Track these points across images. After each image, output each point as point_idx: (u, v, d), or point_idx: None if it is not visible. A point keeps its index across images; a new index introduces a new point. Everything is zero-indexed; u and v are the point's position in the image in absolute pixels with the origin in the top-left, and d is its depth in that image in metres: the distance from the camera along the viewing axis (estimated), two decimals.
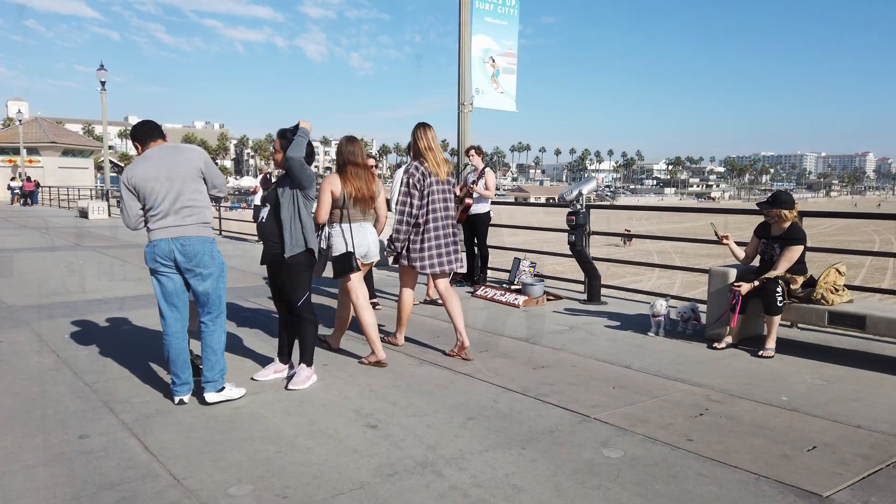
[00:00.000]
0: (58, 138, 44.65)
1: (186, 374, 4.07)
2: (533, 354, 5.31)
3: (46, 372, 4.74)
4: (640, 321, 6.56)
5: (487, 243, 8.53)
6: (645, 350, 5.49)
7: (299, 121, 4.37)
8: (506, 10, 10.32)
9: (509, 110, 10.63)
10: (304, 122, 4.36)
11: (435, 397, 4.23)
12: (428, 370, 4.85)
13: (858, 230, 55.13)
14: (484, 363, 5.03)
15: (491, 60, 10.34)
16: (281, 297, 4.53)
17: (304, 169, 4.22)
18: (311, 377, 4.46)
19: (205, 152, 4.16)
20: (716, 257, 33.98)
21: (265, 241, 4.37)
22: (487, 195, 8.33)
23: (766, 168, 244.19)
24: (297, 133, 4.27)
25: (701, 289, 24.62)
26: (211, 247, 4.04)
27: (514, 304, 7.40)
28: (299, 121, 4.37)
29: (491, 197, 8.35)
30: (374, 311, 5.48)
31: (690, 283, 26.33)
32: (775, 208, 5.43)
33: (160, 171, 3.93)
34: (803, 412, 4.00)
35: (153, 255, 3.99)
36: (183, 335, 4.09)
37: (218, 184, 4.11)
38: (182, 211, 3.95)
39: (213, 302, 4.09)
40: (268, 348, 5.41)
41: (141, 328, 6.17)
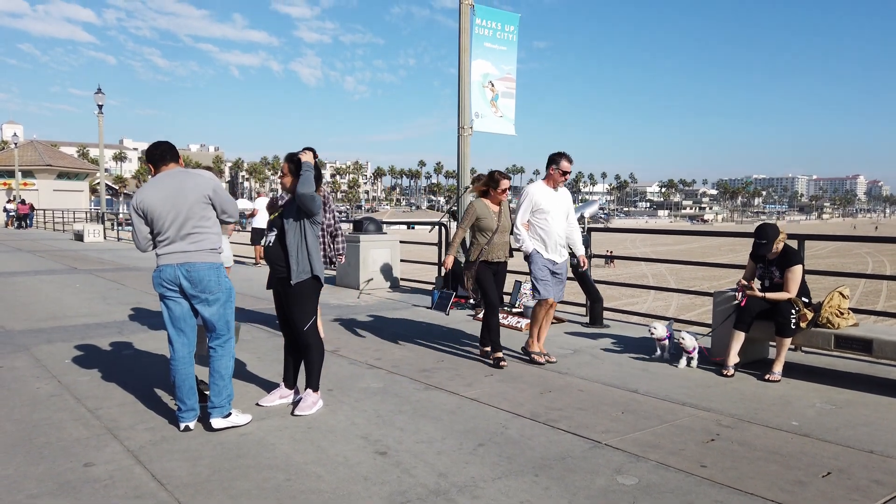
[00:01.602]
0: (53, 161, 44.64)
1: (192, 400, 4.02)
2: (539, 379, 5.28)
3: (48, 398, 4.67)
4: (643, 344, 6.54)
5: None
6: (651, 374, 5.46)
7: (300, 154, 4.36)
8: (505, 36, 10.44)
9: (508, 134, 10.69)
10: (304, 154, 4.36)
11: (443, 423, 4.18)
12: (434, 395, 4.81)
13: (851, 252, 55.45)
14: (491, 387, 4.99)
15: (490, 85, 10.43)
16: (287, 322, 4.50)
17: (315, 200, 4.23)
18: (318, 403, 4.41)
19: (214, 178, 4.13)
20: (711, 279, 34.14)
21: (272, 265, 4.35)
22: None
23: (758, 191, 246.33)
24: (302, 168, 4.26)
25: (697, 311, 24.68)
26: (217, 272, 4.02)
27: (517, 327, 7.38)
28: (300, 154, 4.36)
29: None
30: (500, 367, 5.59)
31: (686, 306, 26.39)
32: (773, 244, 5.46)
33: (167, 196, 3.93)
34: (815, 437, 3.97)
35: (159, 280, 3.97)
36: (190, 361, 4.05)
37: (227, 209, 4.09)
38: (188, 237, 3.94)
39: (220, 327, 4.06)
40: (271, 373, 5.36)
41: (142, 353, 6.11)
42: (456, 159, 10.10)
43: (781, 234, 5.53)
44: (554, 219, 5.77)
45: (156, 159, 4.06)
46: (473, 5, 9.85)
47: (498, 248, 5.80)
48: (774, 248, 5.50)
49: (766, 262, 5.61)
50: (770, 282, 5.58)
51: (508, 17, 10.46)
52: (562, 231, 5.82)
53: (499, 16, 10.32)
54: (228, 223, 4.15)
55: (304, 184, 4.18)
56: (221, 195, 4.07)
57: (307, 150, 4.41)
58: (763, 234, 5.49)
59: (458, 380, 5.21)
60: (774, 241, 5.46)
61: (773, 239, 5.45)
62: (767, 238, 5.46)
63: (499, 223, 5.77)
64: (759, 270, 5.65)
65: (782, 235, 5.53)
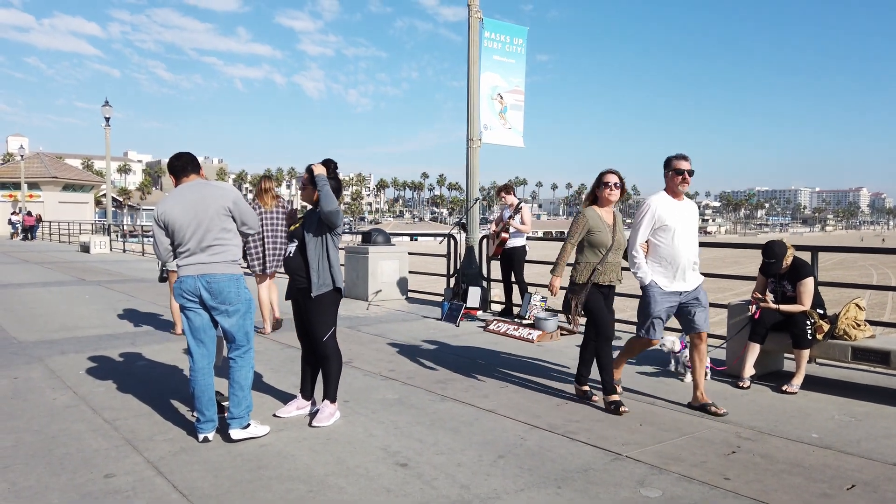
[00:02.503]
0: (59, 173, 44.93)
1: (211, 411, 4.02)
2: (552, 391, 5.26)
3: (64, 409, 4.67)
4: (656, 356, 6.52)
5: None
6: (667, 386, 5.45)
7: (312, 166, 4.36)
8: (514, 49, 10.51)
9: (517, 146, 10.73)
10: (316, 166, 4.35)
11: (461, 434, 4.17)
12: (450, 406, 4.80)
13: (855, 265, 55.28)
14: (507, 399, 4.98)
15: (499, 97, 10.48)
16: (306, 333, 4.50)
17: (339, 215, 4.25)
18: (335, 414, 4.40)
19: (234, 190, 4.16)
20: (718, 290, 34.02)
21: (292, 275, 4.36)
22: (524, 230, 8.70)
23: (761, 203, 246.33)
24: (318, 182, 4.24)
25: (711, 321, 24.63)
26: (237, 283, 4.03)
27: (528, 338, 7.37)
28: (312, 166, 4.36)
29: (528, 231, 8.78)
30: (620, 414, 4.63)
31: None
32: (783, 261, 5.46)
33: (188, 208, 3.96)
34: (836, 449, 3.95)
35: (180, 291, 3.98)
36: (209, 371, 4.05)
37: (248, 220, 4.10)
38: (209, 249, 3.96)
39: (240, 338, 4.07)
40: (286, 384, 5.36)
41: (156, 364, 6.11)
42: (465, 171, 10.14)
43: (789, 249, 5.53)
44: (681, 237, 4.72)
45: (177, 171, 4.09)
46: (482, 19, 9.93)
47: (612, 268, 4.90)
48: (784, 264, 5.50)
49: (777, 276, 5.61)
50: (782, 296, 5.57)
51: (517, 31, 10.53)
52: (692, 251, 4.78)
53: (507, 29, 10.39)
54: (248, 234, 4.14)
55: (327, 201, 4.19)
56: (241, 207, 4.09)
57: (323, 163, 4.42)
58: (771, 252, 5.48)
59: (473, 391, 5.20)
60: (783, 258, 5.46)
61: (782, 256, 5.45)
62: (776, 257, 5.45)
63: (614, 238, 4.84)
64: (771, 285, 5.65)
65: (790, 251, 5.53)
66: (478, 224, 10.18)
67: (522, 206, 8.87)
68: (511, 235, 8.77)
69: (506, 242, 8.82)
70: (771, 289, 5.66)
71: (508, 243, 8.78)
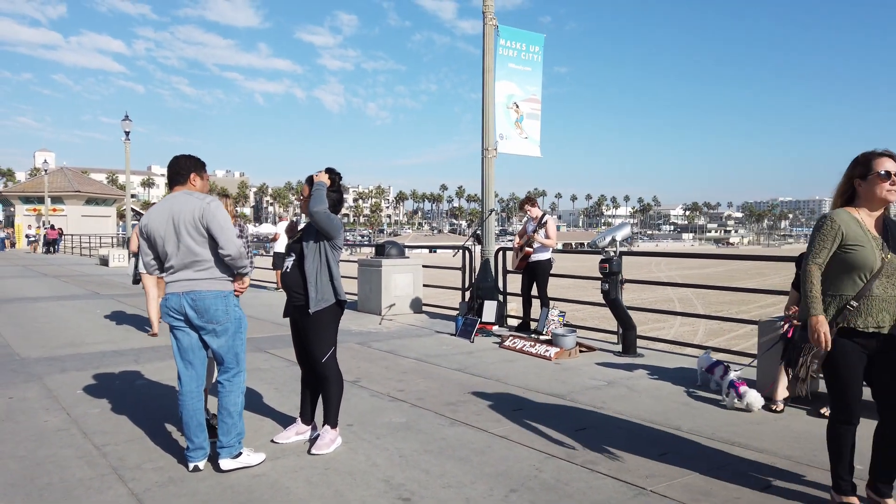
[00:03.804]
0: (82, 187, 45.58)
1: (201, 437, 3.75)
2: (573, 414, 4.93)
3: (54, 433, 4.44)
4: (682, 375, 6.16)
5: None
6: (693, 409, 5.08)
7: (314, 175, 4.13)
8: (530, 57, 10.24)
9: (534, 155, 10.44)
10: (319, 175, 4.12)
11: (471, 464, 3.86)
12: (461, 431, 4.48)
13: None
14: (521, 424, 4.65)
15: (515, 106, 10.21)
16: (304, 353, 4.23)
17: (331, 219, 3.98)
18: (336, 440, 4.11)
19: (212, 204, 3.67)
20: (739, 303, 33.23)
21: (289, 292, 4.10)
22: (549, 244, 8.45)
23: (784, 213, 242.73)
24: (314, 186, 4.02)
25: (725, 336, 23.92)
26: (225, 301, 3.75)
27: (546, 356, 7.03)
28: (314, 175, 4.13)
29: (553, 245, 8.49)
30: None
31: (714, 331, 25.58)
32: None
33: (164, 220, 3.69)
34: None
35: (165, 309, 3.74)
36: (199, 395, 3.79)
37: (224, 243, 3.64)
38: (194, 265, 3.68)
39: (228, 360, 3.80)
40: (289, 406, 5.09)
41: (155, 383, 5.88)
42: (480, 182, 9.86)
43: None
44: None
45: (170, 178, 3.86)
46: (497, 26, 9.69)
47: (882, 305, 3.14)
48: None
49: None
50: None
51: (533, 38, 10.27)
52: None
53: (523, 37, 10.14)
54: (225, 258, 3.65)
55: (315, 201, 3.93)
56: (216, 224, 3.63)
57: (325, 171, 4.18)
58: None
59: (485, 414, 4.89)
60: None
61: None
62: None
63: (885, 256, 3.16)
64: None
65: None
66: (493, 236, 9.89)
67: (547, 218, 8.58)
68: (535, 249, 8.48)
69: (530, 256, 8.53)
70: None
71: (533, 257, 8.51)
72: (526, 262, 8.60)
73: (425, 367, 6.55)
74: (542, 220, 8.51)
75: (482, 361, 6.87)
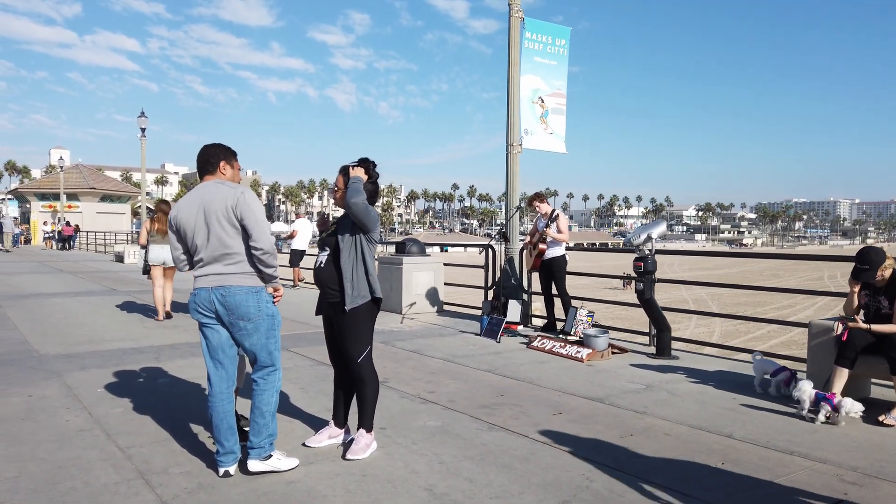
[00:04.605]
0: (97, 184, 45.71)
1: (231, 441, 3.55)
2: (615, 419, 4.69)
3: (77, 433, 4.26)
4: (723, 379, 5.90)
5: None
6: (741, 415, 4.82)
7: (349, 166, 3.91)
8: (555, 50, 9.99)
9: (559, 151, 10.17)
10: (355, 169, 3.90)
11: (517, 473, 3.63)
12: (500, 437, 4.26)
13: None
14: (563, 429, 4.42)
15: (540, 101, 9.96)
16: (338, 353, 4.02)
17: (369, 211, 3.76)
18: (371, 445, 3.90)
19: (246, 194, 3.49)
20: (755, 305, 32.82)
21: (323, 288, 3.89)
22: (562, 238, 8.21)
23: (798, 214, 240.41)
24: (352, 178, 3.82)
25: (742, 337, 23.53)
26: (257, 297, 3.53)
27: (577, 357, 6.78)
28: (349, 166, 3.91)
29: (566, 240, 8.24)
30: None
31: (730, 332, 25.21)
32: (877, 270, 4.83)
33: (194, 210, 3.50)
34: None
35: (194, 305, 3.54)
36: (229, 396, 3.59)
37: (257, 235, 3.42)
38: (224, 258, 3.48)
39: (262, 358, 3.60)
40: (317, 407, 4.89)
41: (178, 381, 5.70)
42: (504, 178, 9.62)
43: (888, 259, 4.89)
44: None
45: (199, 167, 3.66)
46: (524, 18, 9.45)
47: None
48: (880, 275, 4.86)
49: (872, 289, 4.96)
50: (876, 313, 4.93)
51: (559, 31, 10.02)
52: None
53: (549, 29, 9.89)
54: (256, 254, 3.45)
55: (353, 192, 3.72)
56: (249, 216, 3.43)
57: (360, 162, 3.95)
58: (865, 258, 4.86)
59: (523, 418, 4.66)
60: (879, 268, 4.83)
61: (878, 265, 4.83)
62: (870, 263, 4.83)
63: None
64: (866, 299, 5.00)
65: (889, 261, 4.89)
66: (518, 234, 9.66)
67: (558, 213, 8.34)
68: (549, 245, 8.25)
69: (544, 254, 8.29)
70: (865, 303, 5.01)
71: (547, 254, 8.27)
72: (540, 261, 8.36)
73: (453, 368, 6.33)
74: (552, 216, 8.27)
75: (511, 362, 6.64)
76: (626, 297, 29.03)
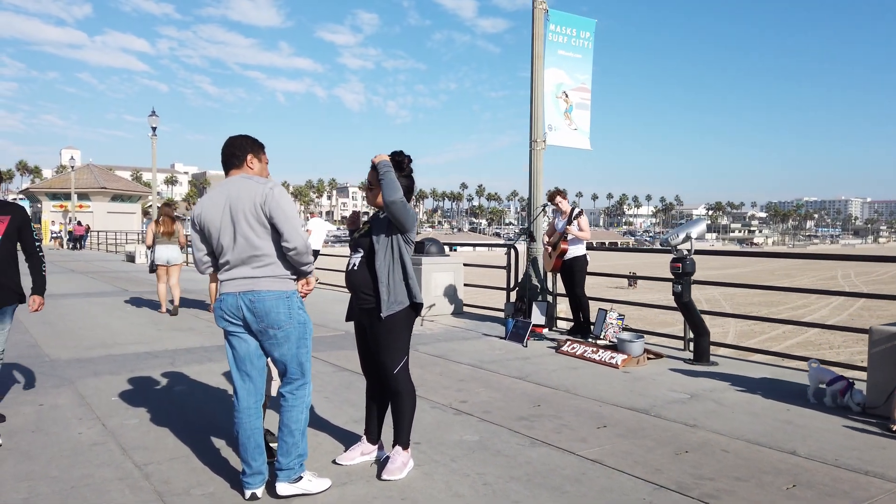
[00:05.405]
0: (108, 184, 45.68)
1: (259, 461, 3.25)
2: (665, 433, 4.36)
3: (90, 447, 3.98)
4: (769, 387, 5.55)
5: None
6: (799, 428, 4.48)
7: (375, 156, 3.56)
8: (580, 43, 9.65)
9: (583, 148, 9.84)
10: (380, 156, 3.55)
11: (570, 497, 3.31)
12: (545, 453, 3.94)
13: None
14: (611, 444, 4.10)
15: (564, 95, 9.62)
16: (371, 363, 3.72)
17: (408, 209, 3.45)
18: (409, 464, 3.60)
19: (275, 189, 3.19)
20: (768, 305, 32.20)
21: (356, 293, 3.58)
22: (583, 236, 7.85)
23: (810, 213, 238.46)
24: (381, 172, 3.45)
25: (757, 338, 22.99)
26: (288, 303, 3.23)
27: (612, 363, 6.45)
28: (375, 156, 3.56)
29: (587, 238, 7.86)
30: None
31: (745, 332, 24.66)
32: None
33: (226, 208, 3.19)
34: None
35: (220, 312, 3.24)
36: (257, 412, 3.29)
37: (288, 234, 3.13)
38: (252, 260, 3.18)
39: (292, 370, 3.30)
40: (344, 418, 4.59)
41: (196, 387, 5.42)
42: (528, 175, 9.29)
43: None
44: None
45: (224, 161, 3.36)
46: (548, 10, 9.12)
47: None
48: None
49: None
50: None
51: (584, 23, 9.68)
52: None
53: (574, 21, 9.55)
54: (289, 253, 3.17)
55: (389, 189, 3.38)
56: (280, 212, 3.14)
57: (394, 156, 3.62)
58: None
59: (566, 432, 4.34)
60: None
61: None
62: None
63: None
64: None
65: None
66: (542, 233, 9.33)
67: (579, 211, 7.98)
68: (570, 244, 7.89)
69: (565, 253, 7.94)
70: None
71: (568, 253, 7.91)
72: (561, 261, 8.00)
73: (483, 375, 6.02)
74: (573, 214, 7.90)
75: (542, 368, 6.32)
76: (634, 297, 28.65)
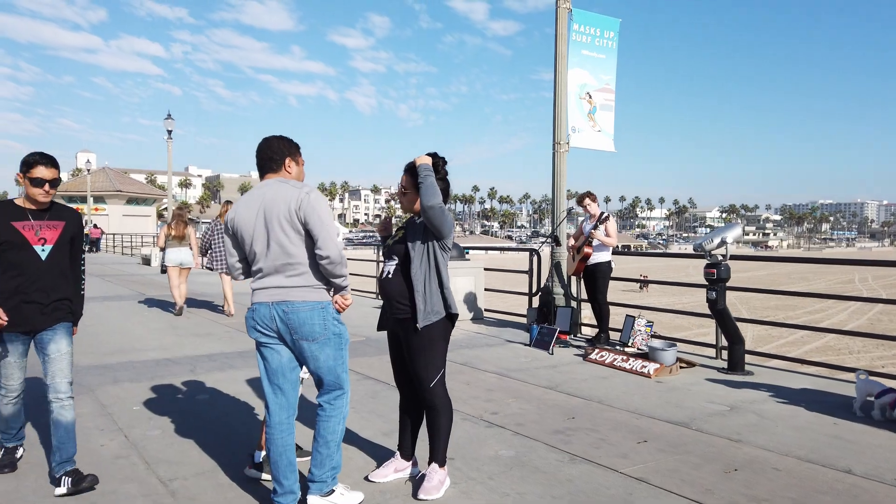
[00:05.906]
0: (123, 187, 46.01)
1: (291, 479, 3.09)
2: (710, 448, 4.16)
3: (112, 461, 3.84)
4: (811, 398, 5.33)
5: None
6: (849, 443, 4.27)
7: (415, 159, 3.42)
8: (604, 43, 9.46)
9: (607, 150, 9.64)
10: (420, 158, 3.41)
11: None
12: (586, 471, 3.75)
13: None
14: (654, 461, 3.91)
15: (587, 96, 9.44)
16: (405, 376, 3.55)
17: (446, 216, 3.28)
18: (445, 482, 3.43)
19: (312, 194, 3.04)
20: (785, 309, 31.81)
21: (390, 303, 3.42)
22: (610, 242, 7.60)
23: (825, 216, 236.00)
24: (422, 174, 3.30)
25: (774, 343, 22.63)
26: (323, 314, 3.07)
27: (644, 372, 6.25)
28: (415, 159, 3.42)
29: (613, 244, 7.61)
30: None
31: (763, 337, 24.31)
32: None
33: (260, 213, 3.06)
34: None
35: (252, 322, 3.09)
36: (289, 427, 3.13)
37: (322, 241, 2.97)
38: (286, 268, 3.03)
39: (329, 381, 3.14)
40: (372, 431, 4.43)
41: (218, 396, 5.29)
42: (551, 178, 9.11)
43: None
44: None
45: (259, 165, 3.21)
46: (571, 9, 8.94)
47: None
48: None
49: None
50: None
51: (608, 23, 9.49)
52: None
53: (598, 21, 9.37)
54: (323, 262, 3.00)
55: (430, 194, 3.23)
56: (315, 217, 2.99)
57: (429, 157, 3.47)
58: None
59: (606, 447, 4.15)
60: None
61: None
62: None
63: None
64: None
65: None
66: (566, 237, 9.14)
67: (608, 215, 7.76)
68: (595, 249, 7.68)
69: (589, 258, 7.71)
70: None
71: (592, 258, 7.68)
72: (584, 265, 7.77)
73: (511, 384, 5.84)
74: (601, 218, 7.64)
75: (572, 378, 6.13)
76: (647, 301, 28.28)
